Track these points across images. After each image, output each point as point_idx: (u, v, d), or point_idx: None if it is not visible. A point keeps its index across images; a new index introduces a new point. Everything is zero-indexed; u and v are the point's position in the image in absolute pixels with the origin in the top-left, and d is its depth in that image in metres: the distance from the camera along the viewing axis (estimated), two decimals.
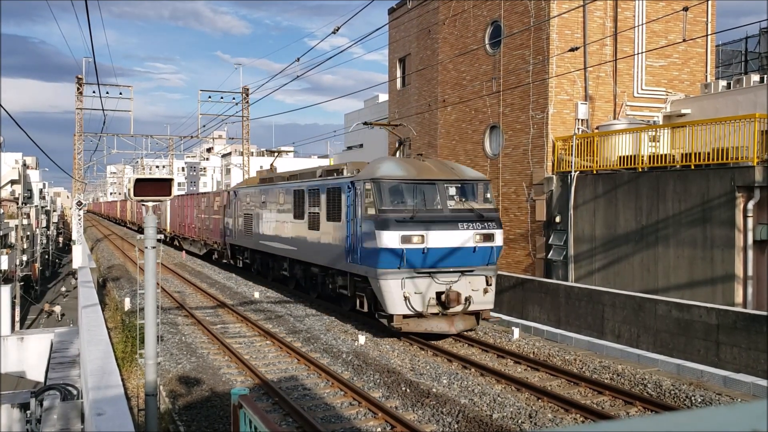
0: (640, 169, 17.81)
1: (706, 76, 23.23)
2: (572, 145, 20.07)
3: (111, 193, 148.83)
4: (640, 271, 17.44)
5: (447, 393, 11.73)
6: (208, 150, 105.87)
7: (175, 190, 8.88)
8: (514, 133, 22.83)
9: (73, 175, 39.87)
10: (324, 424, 10.19)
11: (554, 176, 20.65)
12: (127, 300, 21.96)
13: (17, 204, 45.79)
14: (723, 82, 21.35)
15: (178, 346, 15.81)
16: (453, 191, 16.12)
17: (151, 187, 8.51)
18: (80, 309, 14.98)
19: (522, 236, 22.10)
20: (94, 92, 35.52)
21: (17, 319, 28.28)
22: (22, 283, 40.68)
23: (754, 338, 12.32)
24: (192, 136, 43.21)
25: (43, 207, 67.99)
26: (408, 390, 11.90)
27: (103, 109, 32.87)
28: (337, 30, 14.80)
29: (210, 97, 40.87)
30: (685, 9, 17.35)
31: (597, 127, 21.09)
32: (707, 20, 23.01)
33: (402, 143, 18.98)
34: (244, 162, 43.97)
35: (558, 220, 20.26)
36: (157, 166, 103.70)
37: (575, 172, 19.66)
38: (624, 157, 18.44)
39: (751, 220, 15.07)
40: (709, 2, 22.31)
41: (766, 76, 20.12)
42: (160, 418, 9.78)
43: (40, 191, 68.62)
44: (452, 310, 15.11)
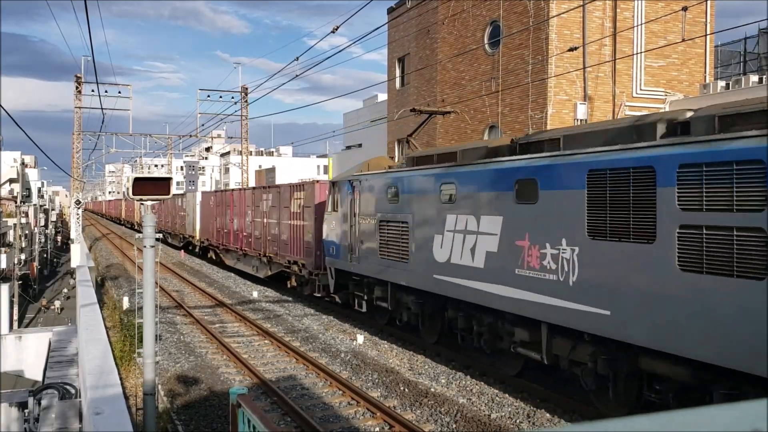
0: None
1: (705, 76, 23.26)
2: None
3: (110, 192, 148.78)
4: None
5: (445, 392, 11.73)
6: (207, 149, 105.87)
7: (174, 189, 8.88)
8: (513, 133, 22.82)
9: (72, 174, 39.86)
10: (322, 423, 10.19)
11: None
12: (126, 299, 21.96)
13: (16, 203, 45.75)
14: (722, 83, 21.37)
15: (177, 345, 15.80)
16: None
17: (150, 186, 8.51)
18: (78, 308, 14.97)
19: None
20: (93, 91, 35.55)
21: (15, 317, 28.27)
22: (21, 282, 40.66)
23: None
24: (191, 135, 43.25)
25: (41, 206, 67.94)
26: (406, 389, 11.90)
27: (102, 108, 32.85)
28: (336, 29, 14.80)
29: (209, 97, 40.88)
30: (684, 9, 17.37)
31: None
32: (706, 20, 23.04)
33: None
34: (242, 161, 43.98)
35: None
36: (156, 165, 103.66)
37: None
38: None
39: None
40: (708, 2, 22.34)
41: (765, 76, 20.13)
42: (159, 418, 9.77)
43: (39, 190, 68.59)
44: None
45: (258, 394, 11.76)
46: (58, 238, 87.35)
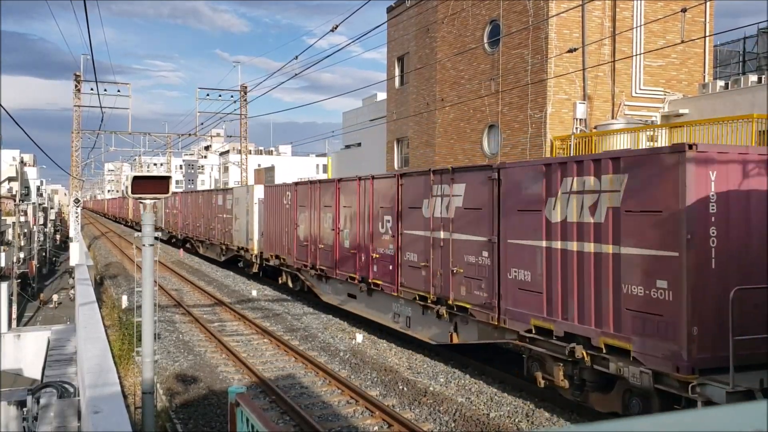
0: None
1: (704, 76, 23.26)
2: (570, 145, 20.08)
3: (109, 191, 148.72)
4: None
5: (444, 391, 11.74)
6: (206, 148, 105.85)
7: (173, 188, 8.87)
8: (512, 133, 22.83)
9: (71, 173, 39.83)
10: (321, 422, 10.19)
11: None
12: (125, 298, 21.94)
13: (15, 201, 45.71)
14: (721, 83, 21.37)
15: (176, 344, 15.80)
16: None
17: (149, 185, 8.50)
18: (77, 306, 14.96)
19: None
20: (92, 90, 35.49)
21: (14, 316, 28.24)
22: (19, 281, 40.62)
23: None
24: (190, 134, 43.19)
25: (40, 204, 67.89)
26: (405, 388, 11.90)
27: (101, 107, 32.79)
28: (336, 28, 14.77)
29: (208, 95, 40.84)
30: (684, 10, 17.36)
31: (595, 127, 21.09)
32: (705, 20, 23.04)
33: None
34: (242, 160, 43.96)
35: None
36: (155, 164, 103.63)
37: None
38: None
39: None
40: (708, 3, 22.34)
41: (764, 76, 20.14)
42: (157, 416, 9.77)
43: (38, 188, 68.53)
44: None
45: (257, 393, 11.76)
46: (57, 237, 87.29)
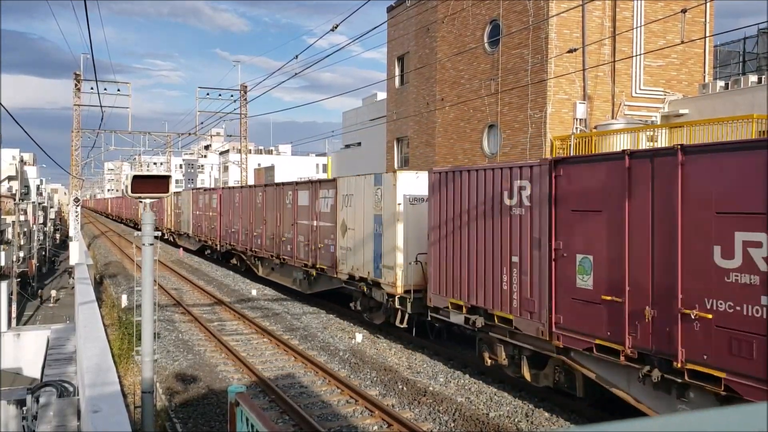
0: None
1: (704, 76, 23.26)
2: (570, 145, 20.07)
3: (108, 190, 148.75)
4: None
5: (444, 391, 11.74)
6: (206, 147, 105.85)
7: (173, 187, 8.87)
8: (512, 132, 22.83)
9: (71, 172, 39.82)
10: (321, 422, 10.19)
11: None
12: (124, 297, 21.93)
13: (14, 200, 45.70)
14: (721, 83, 21.38)
15: (175, 344, 15.80)
16: None
17: (149, 184, 8.50)
18: (77, 306, 14.95)
19: None
20: (92, 89, 35.47)
21: (14, 315, 28.22)
22: (19, 280, 40.61)
23: None
24: (190, 134, 43.17)
25: (40, 203, 67.88)
26: (405, 388, 11.91)
27: (101, 106, 32.77)
28: (336, 28, 14.76)
29: (208, 95, 40.83)
30: (684, 11, 17.35)
31: (595, 127, 21.10)
32: (705, 21, 23.04)
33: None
34: (242, 159, 43.96)
35: None
36: (155, 163, 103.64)
37: None
38: None
39: None
40: (708, 3, 22.34)
41: (764, 76, 20.14)
42: (157, 416, 9.77)
43: (38, 187, 68.51)
44: None
45: (256, 393, 11.76)
46: (57, 236, 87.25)
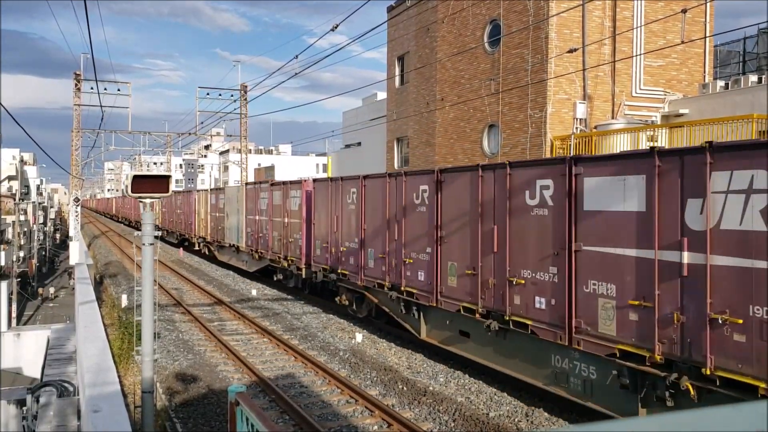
0: None
1: (704, 76, 23.26)
2: (570, 145, 20.07)
3: (108, 190, 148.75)
4: None
5: (444, 391, 11.74)
6: (206, 147, 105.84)
7: (173, 187, 8.88)
8: (512, 132, 22.83)
9: (71, 172, 39.82)
10: (321, 421, 10.19)
11: None
12: (124, 297, 21.93)
13: (14, 200, 45.69)
14: (721, 83, 21.37)
15: (175, 343, 15.80)
16: None
17: (149, 184, 8.50)
18: (77, 306, 14.95)
19: None
20: (92, 89, 35.43)
21: (14, 315, 28.22)
22: (19, 279, 40.62)
23: None
24: (190, 133, 43.16)
25: (40, 203, 67.87)
26: (404, 388, 11.91)
27: (101, 106, 32.74)
28: (336, 27, 14.76)
29: (208, 94, 40.78)
30: (684, 11, 17.35)
31: (595, 127, 21.09)
32: (705, 20, 23.04)
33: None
34: (242, 159, 43.95)
35: None
36: (155, 163, 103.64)
37: None
38: None
39: None
40: (708, 3, 22.34)
41: (764, 76, 20.14)
42: (157, 415, 9.77)
43: (38, 187, 68.49)
44: None
45: (256, 392, 11.77)
46: (57, 236, 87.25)
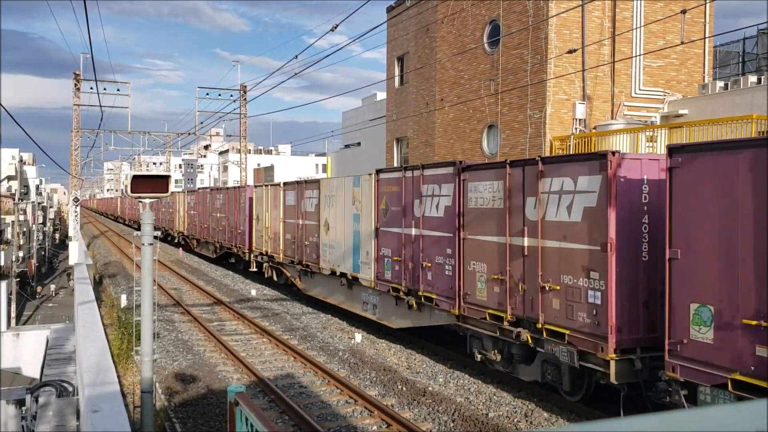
0: None
1: (704, 76, 23.27)
2: (570, 145, 20.08)
3: (108, 190, 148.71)
4: None
5: (443, 391, 11.74)
6: (206, 147, 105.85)
7: (173, 187, 8.88)
8: (512, 132, 22.83)
9: (70, 172, 39.81)
10: (320, 421, 10.19)
11: None
12: (124, 297, 21.92)
13: (14, 200, 45.67)
14: (720, 83, 21.38)
15: (175, 344, 15.79)
16: None
17: (149, 184, 8.50)
18: (76, 305, 14.95)
19: None
20: (92, 89, 35.42)
21: (13, 315, 28.21)
22: (18, 279, 40.58)
23: None
24: (189, 133, 43.16)
25: (39, 203, 67.84)
26: (404, 388, 11.91)
27: (101, 106, 32.74)
28: (336, 28, 14.76)
29: (208, 94, 40.77)
30: (683, 11, 17.36)
31: (595, 127, 21.10)
32: (705, 21, 23.05)
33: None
34: (241, 159, 43.95)
35: None
36: (155, 163, 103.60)
37: None
38: None
39: None
40: (707, 4, 22.35)
41: (763, 77, 20.14)
42: (156, 415, 9.77)
43: (37, 187, 68.44)
44: None
45: (256, 392, 11.76)
46: (56, 236, 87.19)
